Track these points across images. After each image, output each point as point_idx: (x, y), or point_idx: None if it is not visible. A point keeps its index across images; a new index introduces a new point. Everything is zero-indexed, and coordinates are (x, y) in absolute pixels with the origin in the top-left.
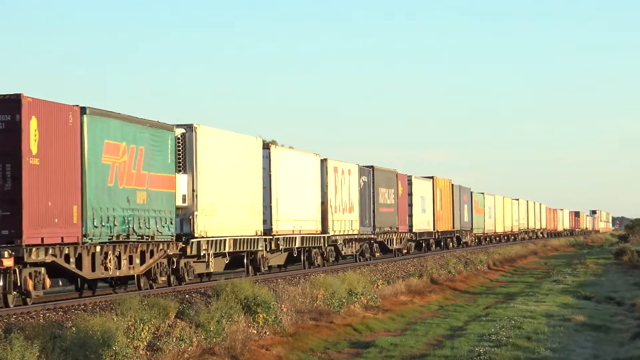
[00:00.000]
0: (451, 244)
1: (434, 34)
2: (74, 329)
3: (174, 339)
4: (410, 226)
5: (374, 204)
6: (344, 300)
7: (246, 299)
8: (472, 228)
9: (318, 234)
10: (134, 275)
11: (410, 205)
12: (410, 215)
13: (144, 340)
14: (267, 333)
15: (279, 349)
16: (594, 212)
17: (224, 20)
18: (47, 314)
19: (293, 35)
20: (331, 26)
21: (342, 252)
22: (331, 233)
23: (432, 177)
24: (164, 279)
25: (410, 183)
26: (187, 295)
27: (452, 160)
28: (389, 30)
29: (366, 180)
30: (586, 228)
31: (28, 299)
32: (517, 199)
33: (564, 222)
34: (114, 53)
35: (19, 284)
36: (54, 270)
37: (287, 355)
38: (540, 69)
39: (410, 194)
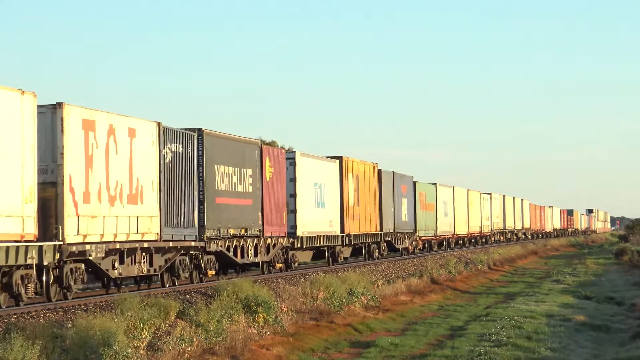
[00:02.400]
0: (376, 252)
1: (434, 34)
2: (74, 329)
3: (174, 338)
4: (293, 227)
5: (200, 190)
6: (344, 300)
7: (246, 299)
8: (415, 229)
9: None
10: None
11: (293, 196)
12: (293, 212)
13: (144, 340)
14: (268, 333)
15: (279, 349)
16: (590, 211)
17: (223, 20)
18: (48, 314)
19: (293, 35)
20: (331, 26)
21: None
22: (75, 240)
23: (339, 157)
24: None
25: (293, 163)
26: (187, 295)
27: (452, 160)
28: (389, 30)
29: (182, 150)
30: (581, 228)
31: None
32: (489, 193)
33: (553, 222)
34: (112, 53)
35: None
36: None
37: (288, 355)
38: (540, 69)
39: (293, 179)
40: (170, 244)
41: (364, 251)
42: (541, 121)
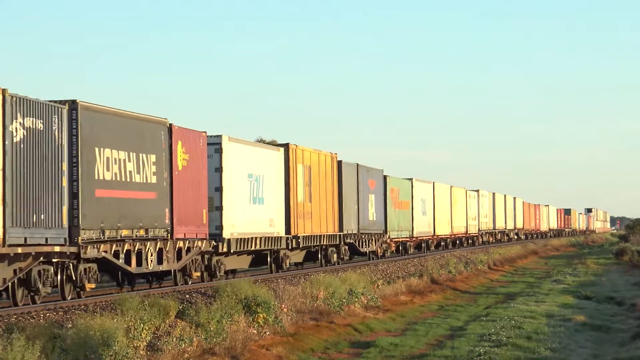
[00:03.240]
0: (335, 256)
1: (434, 34)
2: (74, 329)
3: (174, 339)
4: (219, 227)
5: (73, 179)
6: (344, 300)
7: (246, 299)
8: (386, 230)
9: None
10: None
11: (219, 189)
12: (219, 209)
13: (144, 340)
14: (267, 333)
15: (279, 349)
16: (589, 210)
17: (223, 20)
18: (47, 314)
19: (293, 35)
20: (332, 26)
21: None
22: None
23: (285, 145)
24: None
25: (219, 150)
26: (187, 295)
27: (452, 160)
28: (389, 30)
29: (42, 127)
30: (579, 228)
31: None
32: (477, 190)
33: (549, 221)
34: (109, 52)
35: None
36: None
37: (288, 355)
38: (540, 69)
39: (219, 169)
40: (20, 250)
41: (319, 255)
42: (541, 121)
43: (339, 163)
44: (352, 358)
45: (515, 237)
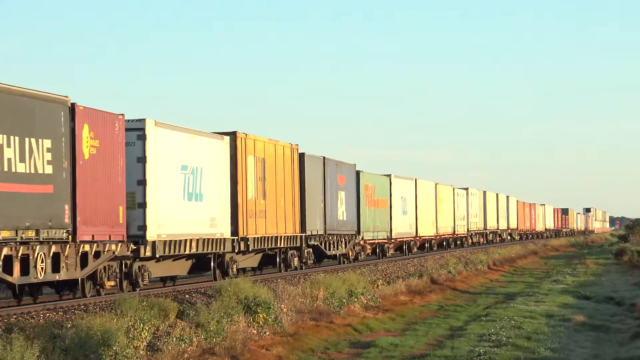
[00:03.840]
0: (295, 260)
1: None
2: (74, 329)
3: (174, 339)
4: (142, 228)
5: None
6: (344, 300)
7: (246, 299)
8: (359, 231)
9: None
10: None
11: (142, 183)
12: (142, 206)
13: (144, 340)
14: (267, 333)
15: (279, 349)
16: (587, 210)
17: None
18: (47, 314)
19: (294, 35)
20: (332, 26)
21: None
22: None
23: (232, 133)
24: None
25: (142, 136)
26: (187, 295)
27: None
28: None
29: None
30: (577, 228)
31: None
32: (466, 188)
33: (545, 221)
34: (107, 52)
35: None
36: None
37: (287, 356)
38: (539, 69)
39: (142, 159)
40: None
41: (278, 260)
42: (541, 121)
43: (301, 156)
44: (352, 358)
45: (509, 237)
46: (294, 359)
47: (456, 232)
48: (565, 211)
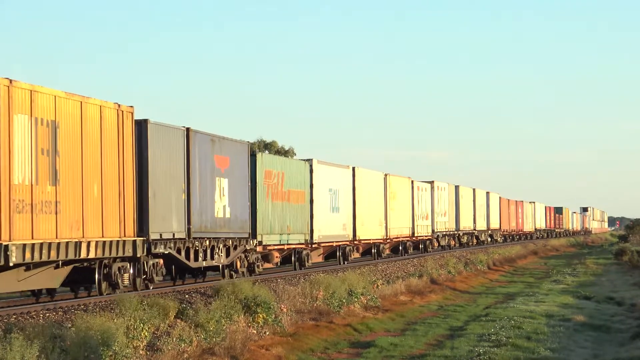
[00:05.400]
0: (126, 277)
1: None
2: (73, 329)
3: (174, 338)
4: None
5: None
6: (343, 300)
7: (246, 299)
8: (254, 233)
9: None
10: None
11: None
12: None
13: (143, 340)
14: (267, 333)
15: (278, 349)
16: (585, 209)
17: (216, 20)
18: (47, 314)
19: (294, 35)
20: (332, 26)
21: None
22: None
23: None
24: None
25: None
26: (186, 295)
27: (452, 160)
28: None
29: None
30: (572, 228)
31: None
32: (431, 182)
33: (535, 220)
34: (105, 52)
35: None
36: None
37: (287, 356)
38: (539, 69)
39: None
40: None
41: (97, 276)
42: (541, 121)
43: (140, 124)
44: (351, 358)
45: (489, 239)
46: (294, 359)
47: (416, 234)
48: (559, 210)
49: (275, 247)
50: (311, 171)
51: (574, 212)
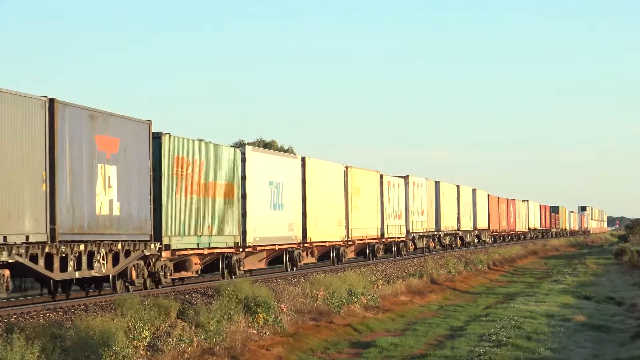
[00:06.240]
0: None
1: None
2: (74, 329)
3: (174, 339)
4: None
5: None
6: (344, 300)
7: (246, 299)
8: (158, 235)
9: None
10: None
11: None
12: None
13: (144, 341)
14: (267, 333)
15: (279, 349)
16: (583, 208)
17: (214, 20)
18: (47, 314)
19: (294, 35)
20: (333, 26)
21: None
22: None
23: None
24: None
25: None
26: (187, 295)
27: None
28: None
29: None
30: (570, 228)
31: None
32: (405, 177)
33: (529, 220)
34: (104, 53)
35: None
36: None
37: (287, 356)
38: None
39: None
40: None
41: None
42: (541, 121)
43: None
44: (352, 358)
45: (476, 240)
46: (294, 359)
47: (386, 235)
48: (555, 209)
49: (193, 252)
50: (243, 160)
51: (572, 212)
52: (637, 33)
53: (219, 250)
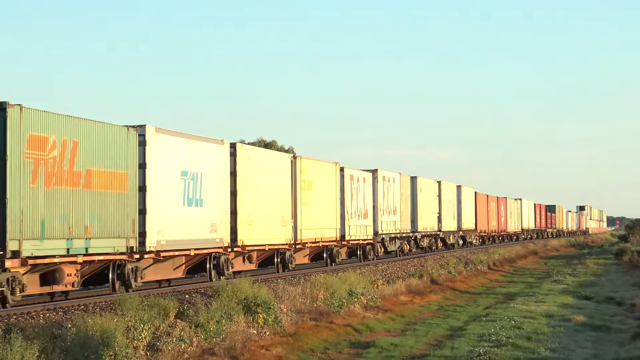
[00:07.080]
0: None
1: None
2: (74, 329)
3: (174, 339)
4: None
5: None
6: (344, 301)
7: (246, 299)
8: (1, 238)
9: None
10: None
11: None
12: None
13: (143, 341)
14: (267, 333)
15: (279, 349)
16: (581, 207)
17: (214, 20)
18: (47, 314)
19: (294, 35)
20: (333, 26)
21: None
22: None
23: None
24: None
25: None
26: (187, 295)
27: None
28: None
29: None
30: (567, 228)
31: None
32: (374, 170)
33: (522, 220)
34: (103, 53)
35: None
36: None
37: (287, 356)
38: (539, 69)
39: None
40: None
41: None
42: (541, 121)
43: None
44: (352, 358)
45: (460, 242)
46: (294, 359)
47: (347, 237)
48: (551, 208)
49: (64, 260)
50: (142, 143)
51: (569, 211)
52: (637, 33)
53: (103, 257)
